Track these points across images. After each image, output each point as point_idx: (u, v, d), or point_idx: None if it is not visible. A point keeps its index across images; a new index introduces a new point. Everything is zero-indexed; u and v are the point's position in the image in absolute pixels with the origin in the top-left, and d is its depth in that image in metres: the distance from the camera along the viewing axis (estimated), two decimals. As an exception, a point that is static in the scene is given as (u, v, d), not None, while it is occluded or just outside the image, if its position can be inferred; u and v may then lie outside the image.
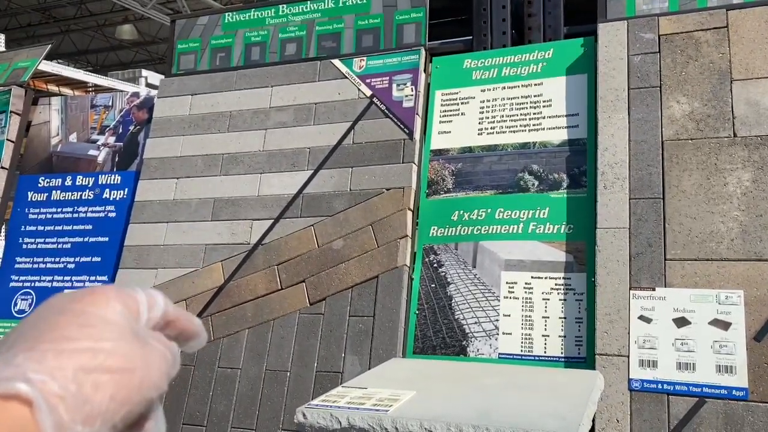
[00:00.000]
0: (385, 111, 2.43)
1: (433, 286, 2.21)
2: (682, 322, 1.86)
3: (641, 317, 1.89)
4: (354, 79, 2.53)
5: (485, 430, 1.31)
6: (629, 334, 1.88)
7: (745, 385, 1.75)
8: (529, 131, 2.29)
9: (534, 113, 2.30)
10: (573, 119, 2.24)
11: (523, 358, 2.03)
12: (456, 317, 2.14)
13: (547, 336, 2.03)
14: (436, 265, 2.24)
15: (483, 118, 2.37)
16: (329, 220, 2.37)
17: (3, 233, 3.24)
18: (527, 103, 2.32)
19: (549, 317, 2.04)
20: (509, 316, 2.08)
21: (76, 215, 2.89)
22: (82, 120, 3.07)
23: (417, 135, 2.38)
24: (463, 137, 2.37)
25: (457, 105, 2.42)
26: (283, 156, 2.54)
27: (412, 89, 2.42)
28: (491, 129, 2.34)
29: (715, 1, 2.16)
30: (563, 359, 1.99)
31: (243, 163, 2.59)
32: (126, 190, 2.83)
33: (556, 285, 2.07)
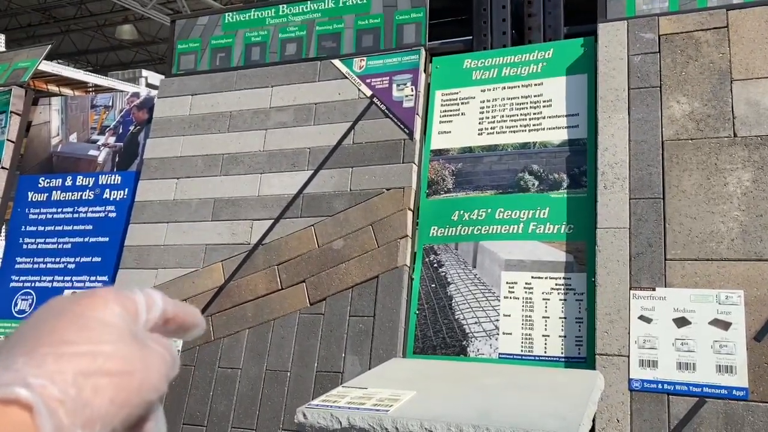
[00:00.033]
0: (386, 111, 2.43)
1: (434, 286, 2.21)
2: (682, 322, 1.86)
3: (641, 317, 1.89)
4: (354, 79, 2.53)
5: (485, 430, 1.31)
6: (629, 334, 1.88)
7: (746, 385, 1.75)
8: (529, 131, 2.29)
9: (534, 113, 2.30)
10: (573, 119, 2.24)
11: (524, 358, 2.03)
12: (456, 317, 2.14)
13: (548, 336, 2.03)
14: (436, 265, 2.24)
15: (483, 118, 2.37)
16: (329, 220, 2.37)
17: (3, 233, 3.24)
18: (527, 103, 2.32)
19: (549, 317, 2.04)
20: (509, 316, 2.08)
21: (76, 215, 2.89)
22: (82, 120, 3.07)
23: (417, 135, 2.38)
24: (463, 137, 2.37)
25: (457, 105, 2.42)
26: (284, 156, 2.54)
27: (412, 89, 2.43)
28: (491, 129, 2.34)
29: (715, 1, 2.16)
30: (563, 359, 1.99)
31: (243, 163, 2.59)
32: (126, 190, 2.84)
33: (556, 285, 2.07)
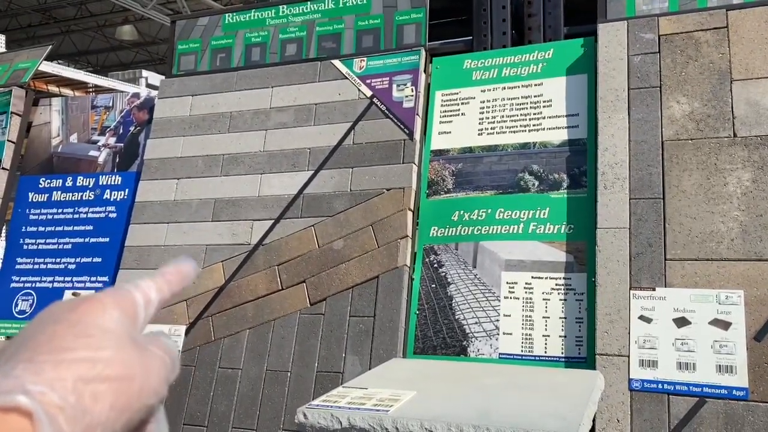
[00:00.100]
0: (386, 111, 2.43)
1: (434, 286, 2.22)
2: (682, 322, 1.86)
3: (641, 317, 1.89)
4: (354, 80, 2.53)
5: (486, 430, 1.32)
6: (629, 334, 1.88)
7: (746, 385, 1.75)
8: (530, 131, 2.29)
9: (534, 113, 2.30)
10: (573, 119, 2.24)
11: (524, 358, 2.03)
12: (456, 317, 2.14)
13: (548, 336, 2.03)
14: (436, 266, 2.24)
15: (483, 118, 2.37)
16: (330, 220, 2.38)
17: (4, 234, 3.25)
18: (527, 104, 2.32)
19: (549, 317, 2.05)
20: (509, 316, 2.08)
21: (76, 216, 2.89)
22: (82, 121, 3.08)
23: (417, 135, 2.38)
24: (464, 137, 2.37)
25: (458, 105, 2.42)
26: (284, 156, 2.54)
27: (412, 90, 2.43)
28: (491, 129, 2.34)
29: (715, 2, 2.16)
30: (563, 359, 1.99)
31: (243, 164, 2.60)
32: (126, 190, 2.84)
33: (556, 285, 2.07)
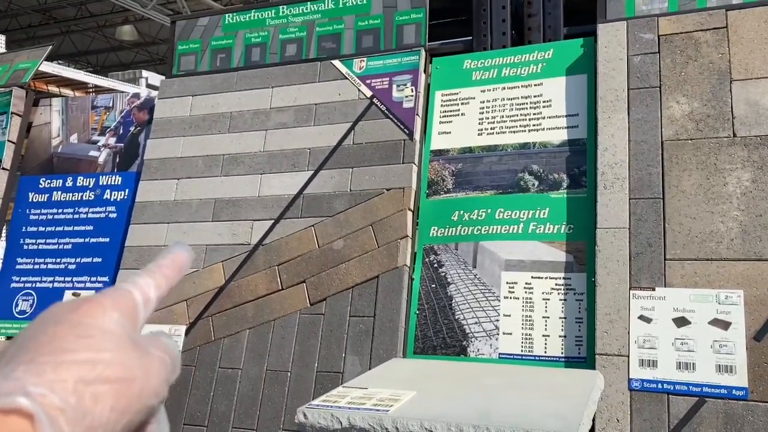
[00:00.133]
0: (386, 111, 2.43)
1: (434, 286, 2.22)
2: (681, 321, 1.86)
3: (641, 317, 1.89)
4: (354, 80, 2.53)
5: (485, 429, 1.32)
6: (629, 333, 1.88)
7: (745, 385, 1.75)
8: (529, 131, 2.29)
9: (534, 113, 2.30)
10: (573, 119, 2.24)
11: (524, 358, 2.03)
12: (456, 317, 2.14)
13: (548, 336, 2.03)
14: (436, 266, 2.24)
15: (483, 118, 2.37)
16: (329, 220, 2.38)
17: (4, 234, 3.25)
18: (527, 104, 2.32)
19: (549, 317, 2.05)
20: (509, 316, 2.09)
21: (77, 216, 2.89)
22: (82, 121, 3.08)
23: (417, 135, 2.38)
24: (463, 138, 2.37)
25: (457, 105, 2.43)
26: (284, 156, 2.54)
27: (412, 90, 2.43)
28: (491, 129, 2.34)
29: (715, 2, 2.17)
30: (563, 359, 1.99)
31: (243, 164, 2.60)
32: (127, 190, 2.84)
33: (556, 285, 2.07)
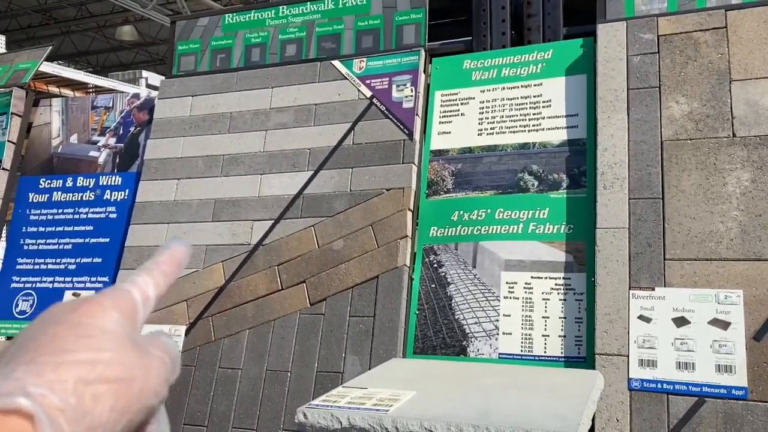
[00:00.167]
0: (385, 112, 2.44)
1: (433, 286, 2.22)
2: (681, 321, 1.86)
3: (641, 317, 1.89)
4: (354, 80, 2.53)
5: (485, 429, 1.32)
6: (629, 333, 1.88)
7: (745, 385, 1.75)
8: (529, 132, 2.29)
9: (534, 114, 2.30)
10: (572, 119, 2.25)
11: (523, 358, 2.03)
12: (456, 317, 2.15)
13: (547, 336, 2.03)
14: (436, 266, 2.24)
15: (483, 118, 2.37)
16: (329, 220, 2.38)
17: (4, 235, 3.25)
18: (527, 104, 2.33)
19: (549, 317, 2.05)
20: (509, 316, 2.09)
21: (77, 216, 2.89)
22: (82, 121, 3.08)
23: (417, 135, 2.38)
24: (463, 138, 2.37)
25: (457, 105, 2.43)
26: (284, 157, 2.54)
27: (411, 90, 2.43)
28: (491, 129, 2.35)
29: (714, 2, 2.17)
30: (563, 359, 2.00)
31: (243, 164, 2.60)
32: (127, 191, 2.84)
33: (556, 285, 2.07)
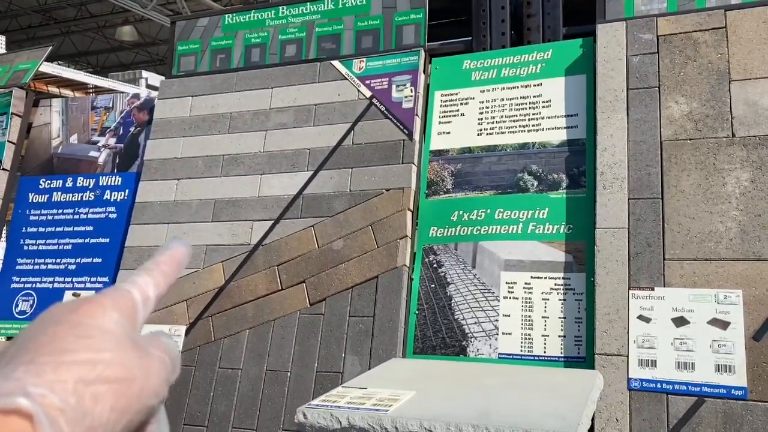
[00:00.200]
0: (385, 112, 2.44)
1: (433, 286, 2.22)
2: (681, 321, 1.86)
3: (640, 317, 1.89)
4: (354, 80, 2.53)
5: (485, 429, 1.32)
6: (628, 333, 1.89)
7: (744, 385, 1.75)
8: (529, 132, 2.29)
9: (533, 114, 2.31)
10: (572, 120, 2.25)
11: (523, 358, 2.03)
12: (456, 317, 2.15)
13: (547, 336, 2.03)
14: (435, 266, 2.25)
15: (482, 118, 2.37)
16: (329, 220, 2.38)
17: (4, 235, 3.25)
18: (526, 104, 2.33)
19: (548, 317, 2.05)
20: (509, 316, 2.09)
21: (76, 216, 2.89)
22: (82, 121, 3.08)
23: (416, 136, 2.38)
24: (463, 138, 2.38)
25: (457, 106, 2.43)
26: (284, 157, 2.54)
27: (411, 90, 2.43)
28: (491, 129, 2.35)
29: (714, 2, 2.17)
30: (563, 359, 2.00)
31: (243, 164, 2.60)
32: (127, 191, 2.84)
33: (555, 285, 2.07)
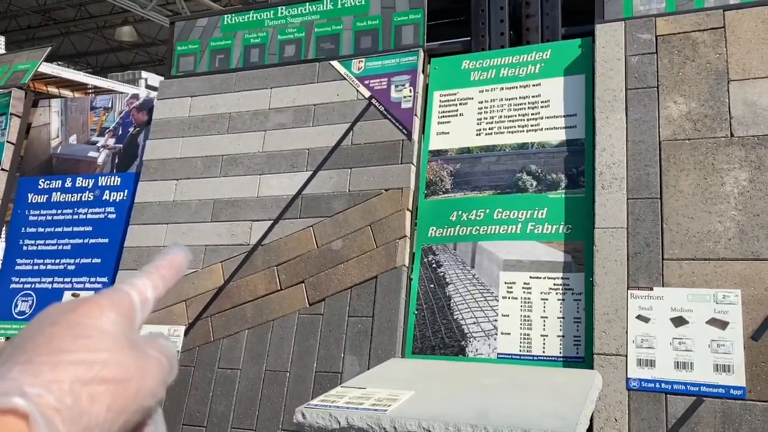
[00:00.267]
0: (384, 112, 2.44)
1: (432, 286, 2.22)
2: (679, 321, 1.86)
3: (639, 317, 1.89)
4: (353, 81, 2.54)
5: (483, 429, 1.32)
6: (627, 333, 1.89)
7: (743, 384, 1.75)
8: (528, 132, 2.29)
9: (532, 114, 2.31)
10: (571, 120, 2.25)
11: (522, 358, 2.03)
12: (455, 317, 2.15)
13: (546, 336, 2.03)
14: (434, 266, 2.25)
15: (481, 118, 2.37)
16: (328, 220, 2.38)
17: (3, 235, 3.25)
18: (525, 104, 2.33)
19: (547, 317, 2.05)
20: (508, 316, 2.09)
21: (76, 217, 2.89)
22: (81, 122, 3.08)
23: (415, 136, 2.39)
24: (462, 138, 2.38)
25: (456, 106, 2.43)
26: (283, 157, 2.54)
27: (410, 90, 2.43)
28: (489, 130, 2.35)
29: (712, 2, 2.17)
30: (562, 359, 2.00)
31: (242, 165, 2.60)
32: (126, 191, 2.84)
33: (554, 285, 2.08)
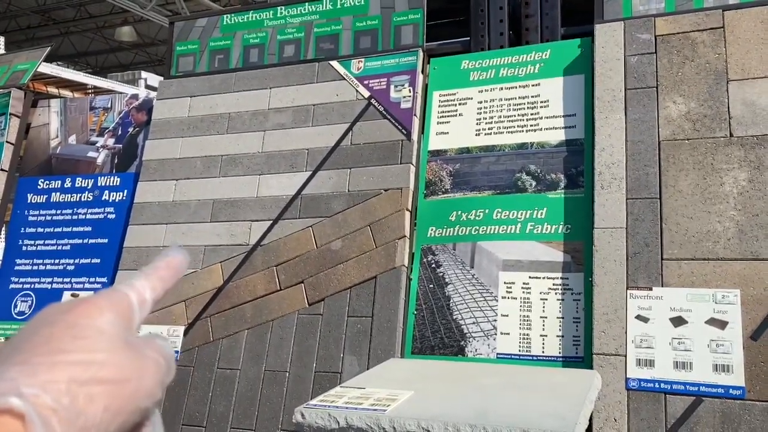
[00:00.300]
0: (383, 112, 2.44)
1: (432, 286, 2.22)
2: (679, 321, 1.86)
3: (638, 317, 1.90)
4: (352, 81, 2.54)
5: (482, 429, 1.32)
6: (626, 333, 1.89)
7: (742, 384, 1.75)
8: (527, 132, 2.29)
9: (531, 114, 2.31)
10: (570, 120, 2.25)
11: (521, 357, 2.03)
12: (454, 317, 2.15)
13: (545, 336, 2.03)
14: (434, 266, 2.25)
15: (481, 118, 2.37)
16: (328, 221, 2.38)
17: (3, 235, 3.25)
18: (525, 104, 2.33)
19: (547, 317, 2.05)
20: (507, 316, 2.09)
21: (75, 217, 2.89)
22: (81, 122, 3.08)
23: (415, 136, 2.39)
24: (461, 138, 2.38)
25: (455, 106, 2.43)
26: (282, 157, 2.54)
27: (409, 90, 2.43)
28: (489, 130, 2.35)
29: (712, 2, 2.17)
30: (561, 359, 2.00)
31: (242, 165, 2.60)
32: (125, 191, 2.84)
33: (553, 285, 2.08)
